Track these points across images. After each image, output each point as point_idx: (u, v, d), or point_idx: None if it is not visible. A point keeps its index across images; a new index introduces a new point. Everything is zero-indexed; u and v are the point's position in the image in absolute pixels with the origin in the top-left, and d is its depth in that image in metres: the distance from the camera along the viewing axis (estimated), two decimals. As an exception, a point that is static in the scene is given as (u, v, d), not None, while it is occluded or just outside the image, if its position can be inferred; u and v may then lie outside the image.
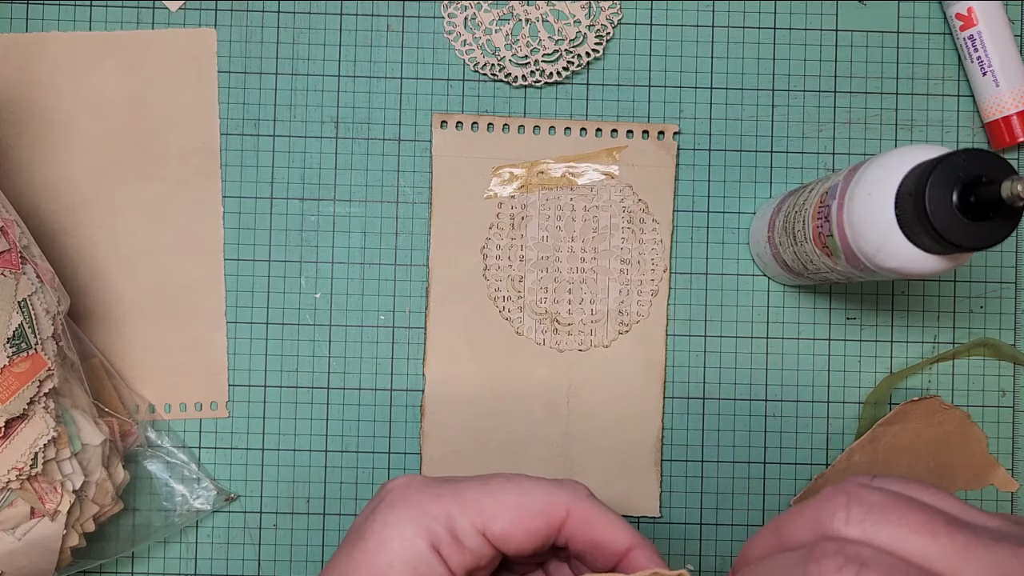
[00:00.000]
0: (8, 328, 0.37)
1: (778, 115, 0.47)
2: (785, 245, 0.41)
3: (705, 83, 0.47)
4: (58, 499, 0.38)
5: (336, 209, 0.46)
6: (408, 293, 0.46)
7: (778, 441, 0.46)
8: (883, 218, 0.33)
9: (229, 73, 0.46)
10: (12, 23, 0.46)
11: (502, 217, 0.46)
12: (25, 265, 0.39)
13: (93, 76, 0.46)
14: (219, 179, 0.46)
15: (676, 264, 0.47)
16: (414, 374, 0.46)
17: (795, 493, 0.46)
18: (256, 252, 0.46)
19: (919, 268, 0.33)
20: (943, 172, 0.30)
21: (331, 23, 0.47)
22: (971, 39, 0.45)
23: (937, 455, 0.46)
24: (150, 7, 0.46)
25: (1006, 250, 0.47)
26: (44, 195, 0.46)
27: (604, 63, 0.47)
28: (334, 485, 0.46)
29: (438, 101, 0.47)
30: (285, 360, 0.46)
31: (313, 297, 0.46)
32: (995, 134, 0.46)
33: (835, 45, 0.47)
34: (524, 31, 0.46)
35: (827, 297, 0.47)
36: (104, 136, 0.46)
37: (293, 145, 0.46)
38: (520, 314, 0.46)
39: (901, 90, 0.47)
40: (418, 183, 0.47)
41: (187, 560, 0.46)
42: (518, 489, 0.30)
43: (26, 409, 0.37)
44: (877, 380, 0.47)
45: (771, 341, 0.47)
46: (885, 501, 0.23)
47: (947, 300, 0.47)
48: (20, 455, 0.37)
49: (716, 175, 0.47)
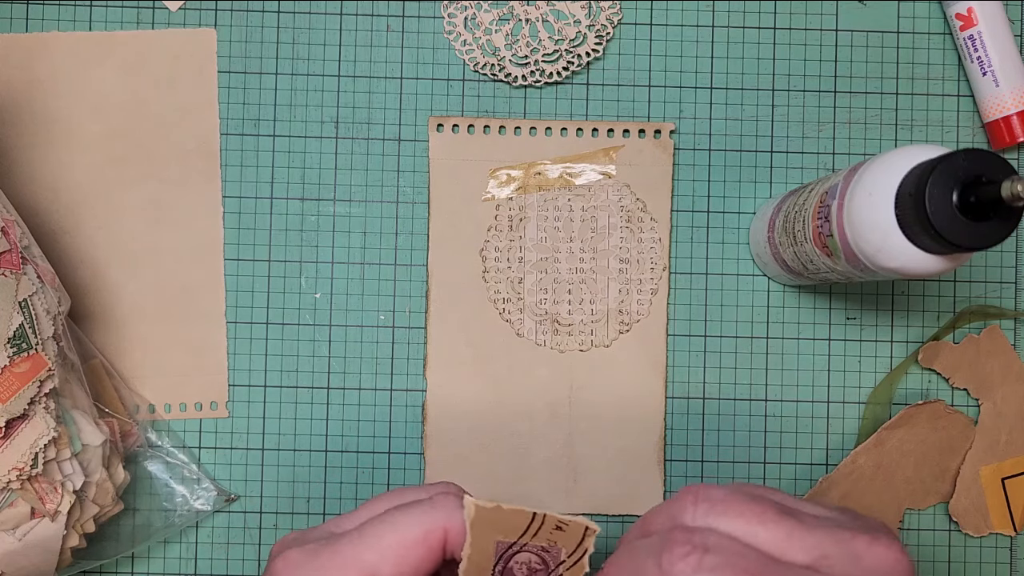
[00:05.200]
0: (9, 328, 0.37)
1: (778, 115, 0.47)
2: (785, 245, 0.41)
3: (705, 83, 0.47)
4: (58, 499, 0.38)
5: (336, 209, 0.46)
6: (408, 293, 0.46)
7: (778, 441, 0.46)
8: (883, 218, 0.33)
9: (229, 73, 0.46)
10: (12, 23, 0.46)
11: (500, 219, 0.46)
12: (26, 265, 0.39)
13: (93, 76, 0.46)
14: (219, 179, 0.46)
15: (676, 264, 0.47)
16: (414, 374, 0.46)
17: (795, 493, 0.46)
18: (256, 252, 0.46)
19: (919, 268, 0.33)
20: (943, 172, 0.30)
21: (331, 23, 0.47)
22: (971, 39, 0.45)
23: (941, 459, 0.46)
24: (150, 7, 0.46)
25: (1006, 250, 0.47)
26: (44, 195, 0.46)
27: (604, 63, 0.47)
28: (334, 485, 0.46)
29: (438, 101, 0.47)
30: (285, 360, 0.46)
31: (313, 297, 0.46)
32: (995, 134, 0.46)
33: (835, 45, 0.47)
34: (524, 31, 0.46)
35: (827, 297, 0.47)
36: (104, 136, 0.46)
37: (293, 145, 0.46)
38: (520, 316, 0.46)
39: (901, 90, 0.47)
40: (418, 183, 0.47)
41: (187, 560, 0.46)
42: (392, 529, 0.30)
43: (27, 409, 0.37)
44: (877, 380, 0.47)
45: (771, 341, 0.47)
46: (727, 497, 0.28)
47: (947, 300, 0.47)
48: (20, 455, 0.37)
49: (716, 175, 0.47)
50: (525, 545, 0.32)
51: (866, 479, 0.45)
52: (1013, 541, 0.46)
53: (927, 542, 0.46)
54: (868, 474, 0.45)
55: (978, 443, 0.46)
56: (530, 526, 0.31)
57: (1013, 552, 0.46)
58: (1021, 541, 0.46)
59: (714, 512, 0.28)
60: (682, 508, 0.28)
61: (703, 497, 0.28)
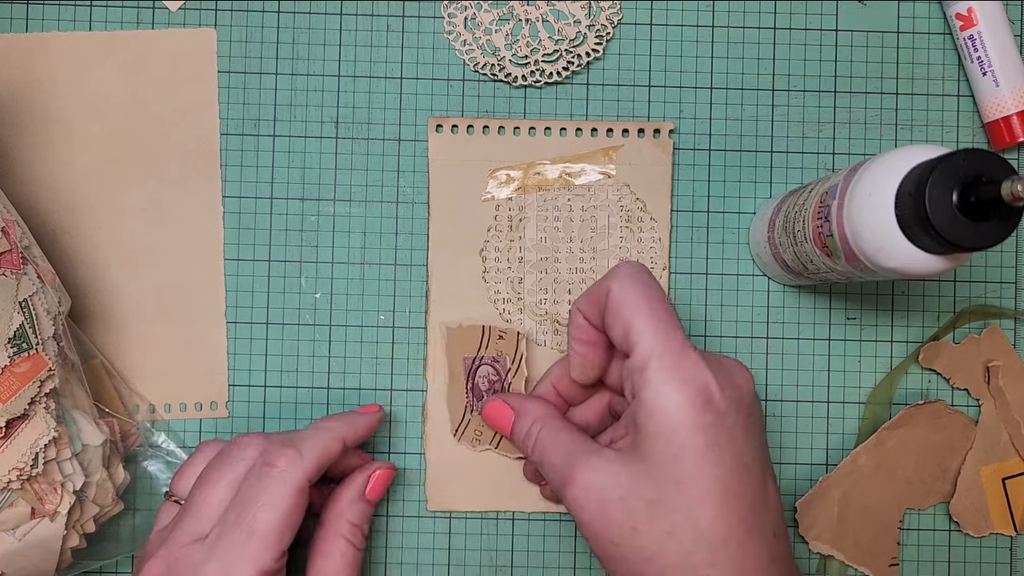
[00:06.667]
0: (9, 328, 0.37)
1: (778, 115, 0.47)
2: (785, 245, 0.41)
3: (705, 83, 0.47)
4: (58, 500, 0.38)
5: (336, 209, 0.46)
6: (408, 293, 0.46)
7: (778, 441, 0.46)
8: (883, 218, 0.33)
9: (229, 73, 0.46)
10: (12, 23, 0.46)
11: (500, 219, 0.46)
12: (26, 265, 0.39)
13: (93, 76, 0.46)
14: (219, 179, 0.46)
15: (676, 264, 0.47)
16: (414, 374, 0.46)
17: (795, 493, 0.46)
18: (256, 252, 0.46)
19: (919, 268, 0.33)
20: (943, 172, 0.30)
21: (331, 23, 0.47)
22: (971, 39, 0.45)
23: (942, 459, 0.46)
24: (150, 7, 0.46)
25: (1006, 250, 0.47)
26: (44, 195, 0.46)
27: (604, 63, 0.47)
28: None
29: (438, 101, 0.47)
30: (285, 360, 0.46)
31: (313, 297, 0.46)
32: (995, 134, 0.46)
33: (835, 45, 0.47)
34: (524, 31, 0.46)
35: (827, 297, 0.47)
36: (104, 136, 0.46)
37: (293, 145, 0.46)
38: (520, 316, 0.46)
39: (901, 90, 0.47)
40: (418, 183, 0.47)
41: (187, 560, 0.46)
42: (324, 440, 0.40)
43: (27, 409, 0.37)
44: (877, 380, 0.47)
45: (771, 341, 0.47)
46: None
47: (947, 300, 0.47)
48: (21, 455, 0.37)
49: (716, 175, 0.47)
50: (483, 358, 0.44)
51: (866, 479, 0.45)
52: (1013, 541, 0.46)
53: (927, 542, 0.46)
54: (868, 474, 0.45)
55: (978, 443, 0.46)
56: (482, 338, 0.44)
57: (1013, 552, 0.46)
58: (1021, 541, 0.46)
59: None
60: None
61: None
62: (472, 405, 0.45)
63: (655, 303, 0.36)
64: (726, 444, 0.34)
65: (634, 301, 0.36)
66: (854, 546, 0.45)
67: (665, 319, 0.36)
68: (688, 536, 0.33)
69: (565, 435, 0.38)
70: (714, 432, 0.34)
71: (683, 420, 0.34)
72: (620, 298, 0.37)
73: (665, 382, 0.34)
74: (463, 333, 0.45)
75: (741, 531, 0.34)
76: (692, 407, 0.34)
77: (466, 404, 0.45)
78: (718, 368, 0.35)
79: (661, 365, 0.35)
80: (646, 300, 0.36)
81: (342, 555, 0.39)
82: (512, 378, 0.45)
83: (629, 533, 0.34)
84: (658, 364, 0.35)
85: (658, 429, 0.34)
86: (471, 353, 0.45)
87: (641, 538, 0.34)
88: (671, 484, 0.34)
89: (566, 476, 0.36)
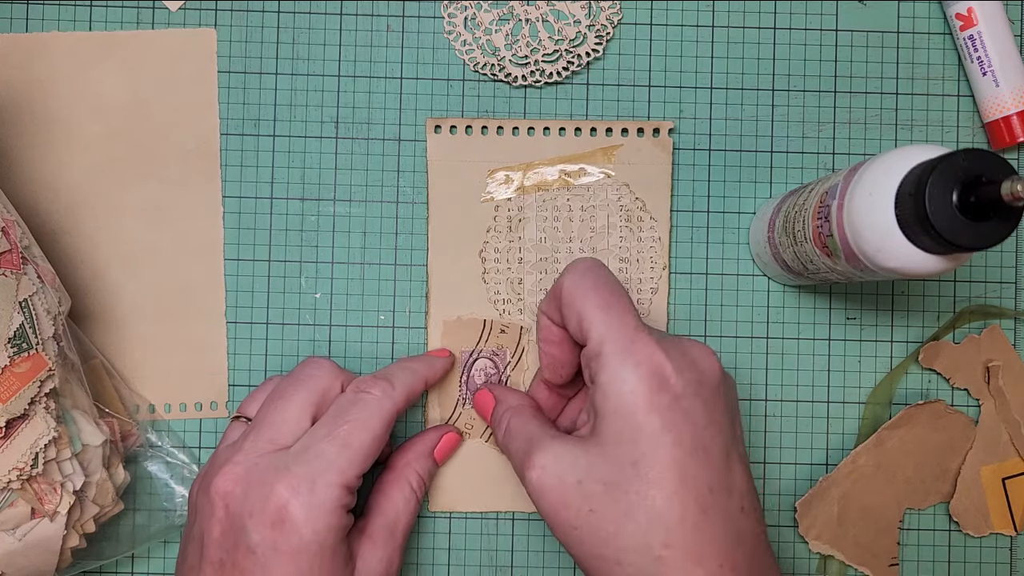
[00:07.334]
0: (9, 328, 0.37)
1: (778, 115, 0.47)
2: (785, 245, 0.41)
3: (705, 83, 0.47)
4: (58, 500, 0.38)
5: (336, 209, 0.46)
6: (408, 293, 0.46)
7: (778, 441, 0.46)
8: (883, 218, 0.33)
9: (229, 73, 0.46)
10: (12, 23, 0.46)
11: (499, 220, 0.46)
12: (26, 265, 0.39)
13: (93, 76, 0.46)
14: (219, 179, 0.46)
15: (676, 264, 0.47)
16: (414, 374, 0.46)
17: (795, 493, 0.46)
18: (256, 252, 0.46)
19: (919, 268, 0.33)
20: (943, 172, 0.30)
21: (331, 23, 0.47)
22: (971, 39, 0.45)
23: (942, 459, 0.46)
24: (150, 7, 0.46)
25: (1006, 250, 0.47)
26: (44, 195, 0.46)
27: (604, 63, 0.47)
28: (334, 485, 0.46)
29: (438, 101, 0.47)
30: (285, 360, 0.46)
31: (313, 297, 0.46)
32: (995, 134, 0.46)
33: (835, 45, 0.47)
34: (524, 31, 0.46)
35: (827, 297, 0.47)
36: (104, 136, 0.46)
37: (293, 145, 0.46)
38: (520, 316, 0.46)
39: (901, 90, 0.47)
40: (418, 183, 0.47)
41: (187, 560, 0.46)
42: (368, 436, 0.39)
43: (27, 409, 0.37)
44: (877, 380, 0.47)
45: (771, 341, 0.47)
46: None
47: (947, 300, 0.47)
48: (21, 455, 0.37)
49: (716, 175, 0.47)
50: (481, 352, 0.45)
51: (866, 479, 0.45)
52: (1013, 541, 0.46)
53: (927, 542, 0.46)
54: (868, 474, 0.45)
55: (978, 443, 0.46)
56: (482, 332, 0.45)
57: (1013, 552, 0.46)
58: (1021, 541, 0.46)
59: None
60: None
61: None
62: (465, 398, 0.45)
63: (605, 291, 0.37)
64: (683, 425, 0.34)
65: (584, 292, 0.37)
66: (854, 546, 0.45)
67: (616, 305, 0.36)
68: (644, 517, 0.34)
69: (532, 424, 0.39)
70: (671, 414, 0.34)
71: (638, 401, 0.34)
72: (572, 291, 0.37)
73: (620, 364, 0.35)
74: (461, 327, 0.45)
75: (697, 512, 0.34)
76: (647, 388, 0.34)
77: (459, 397, 0.45)
78: (677, 350, 0.36)
79: (614, 348, 0.35)
80: (595, 290, 0.37)
81: (405, 501, 0.41)
82: (511, 372, 0.45)
83: (587, 516, 0.34)
84: (611, 348, 0.35)
85: (614, 409, 0.35)
86: (468, 347, 0.45)
87: (598, 520, 0.34)
88: (628, 465, 0.34)
89: (525, 460, 0.37)
